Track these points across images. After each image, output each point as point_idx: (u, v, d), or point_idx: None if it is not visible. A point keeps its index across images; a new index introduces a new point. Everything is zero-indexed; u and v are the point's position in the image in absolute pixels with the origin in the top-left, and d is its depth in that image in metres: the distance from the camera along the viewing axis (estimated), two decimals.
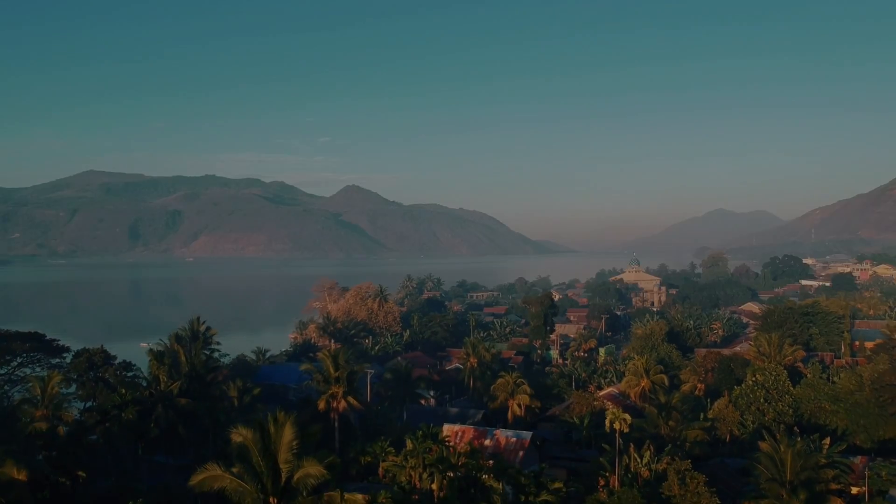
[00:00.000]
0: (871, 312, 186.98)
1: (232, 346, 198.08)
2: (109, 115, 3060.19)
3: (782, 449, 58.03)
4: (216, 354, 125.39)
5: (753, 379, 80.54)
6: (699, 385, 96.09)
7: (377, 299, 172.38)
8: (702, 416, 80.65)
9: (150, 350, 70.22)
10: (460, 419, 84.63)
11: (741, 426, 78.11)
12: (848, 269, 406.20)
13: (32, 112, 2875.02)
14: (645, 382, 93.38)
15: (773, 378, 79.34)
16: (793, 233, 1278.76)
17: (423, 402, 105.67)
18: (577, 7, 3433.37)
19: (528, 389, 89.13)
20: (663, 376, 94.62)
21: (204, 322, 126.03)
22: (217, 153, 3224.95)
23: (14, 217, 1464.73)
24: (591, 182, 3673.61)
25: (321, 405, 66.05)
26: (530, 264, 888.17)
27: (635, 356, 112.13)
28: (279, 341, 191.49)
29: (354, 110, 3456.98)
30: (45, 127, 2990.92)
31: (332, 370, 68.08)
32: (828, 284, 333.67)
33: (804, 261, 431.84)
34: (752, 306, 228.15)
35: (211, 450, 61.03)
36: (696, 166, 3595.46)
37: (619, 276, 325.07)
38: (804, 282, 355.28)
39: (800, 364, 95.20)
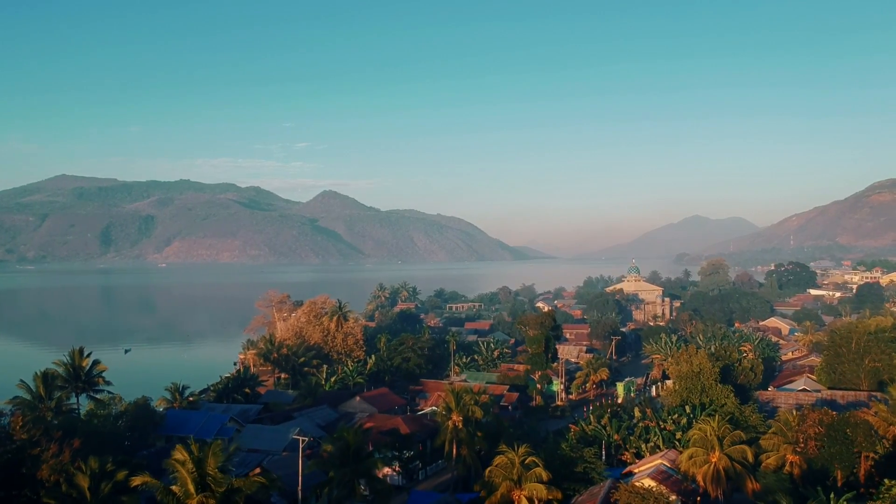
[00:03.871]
0: None
1: (169, 368, 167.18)
2: (84, 118, 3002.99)
3: None
4: (103, 396, 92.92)
5: None
6: (792, 458, 64.17)
7: (335, 317, 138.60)
8: None
9: None
10: None
11: None
12: (856, 277, 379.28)
13: (3, 115, 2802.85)
14: (718, 458, 61.75)
15: None
16: (770, 239, 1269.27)
17: (386, 471, 74.07)
18: (557, 12, 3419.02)
19: (544, 474, 57.20)
20: (745, 448, 62.86)
21: (88, 355, 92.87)
22: (192, 158, 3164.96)
23: None
24: (569, 188, 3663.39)
25: None
26: (510, 271, 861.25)
27: (688, 411, 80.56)
28: (227, 360, 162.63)
29: (333, 116, 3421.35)
30: (17, 130, 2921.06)
31: (191, 487, 35.64)
32: (838, 295, 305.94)
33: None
34: (776, 322, 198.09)
35: None
36: (672, 173, 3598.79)
37: (618, 286, 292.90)
38: (813, 291, 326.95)
39: None
